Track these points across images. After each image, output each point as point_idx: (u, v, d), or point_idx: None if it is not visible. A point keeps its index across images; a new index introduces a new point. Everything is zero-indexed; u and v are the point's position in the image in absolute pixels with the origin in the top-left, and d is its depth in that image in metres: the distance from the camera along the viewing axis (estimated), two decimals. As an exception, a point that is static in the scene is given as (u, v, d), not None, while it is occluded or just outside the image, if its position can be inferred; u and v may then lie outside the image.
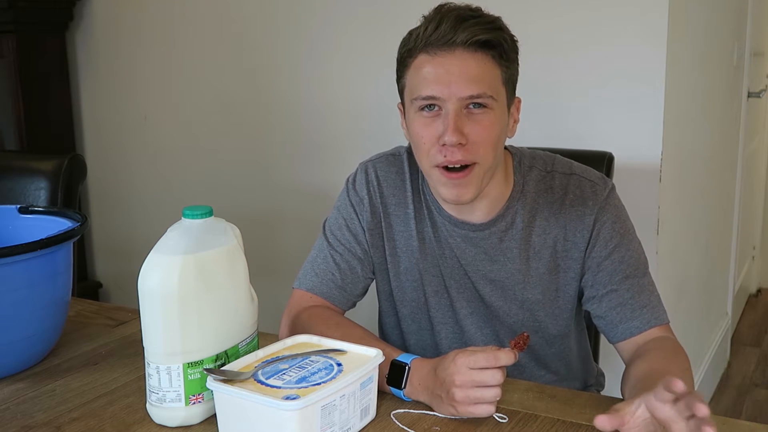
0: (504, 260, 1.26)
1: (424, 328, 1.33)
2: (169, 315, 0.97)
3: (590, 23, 1.98)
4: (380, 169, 1.32)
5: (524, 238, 1.25)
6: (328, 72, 2.39)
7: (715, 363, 2.95)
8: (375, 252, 1.32)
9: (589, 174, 1.26)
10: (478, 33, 1.12)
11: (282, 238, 2.51)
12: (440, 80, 1.13)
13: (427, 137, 1.16)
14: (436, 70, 1.14)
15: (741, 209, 3.24)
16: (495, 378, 0.98)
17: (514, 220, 1.25)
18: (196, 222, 1.00)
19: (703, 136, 2.56)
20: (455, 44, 1.13)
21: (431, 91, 1.14)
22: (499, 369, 0.98)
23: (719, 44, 2.65)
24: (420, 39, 1.15)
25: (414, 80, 1.17)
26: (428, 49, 1.15)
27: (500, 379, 0.98)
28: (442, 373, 1.01)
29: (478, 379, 0.98)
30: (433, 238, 1.29)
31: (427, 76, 1.15)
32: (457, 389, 0.99)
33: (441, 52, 1.14)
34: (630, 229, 1.27)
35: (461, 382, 0.99)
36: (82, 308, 1.45)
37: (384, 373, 1.07)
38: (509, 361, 0.98)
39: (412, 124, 1.19)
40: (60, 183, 1.77)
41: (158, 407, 1.00)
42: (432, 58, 1.14)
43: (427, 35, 1.14)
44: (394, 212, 1.31)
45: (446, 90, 1.13)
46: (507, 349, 0.99)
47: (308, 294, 1.29)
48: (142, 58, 2.75)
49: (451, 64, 1.13)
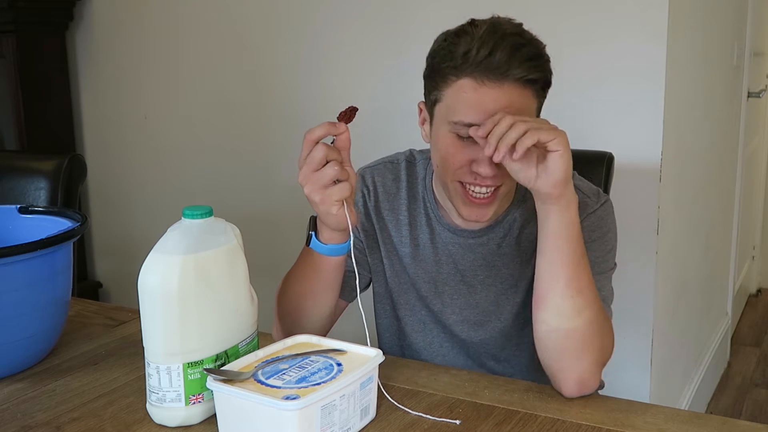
0: (500, 265, 1.28)
1: (417, 330, 1.35)
2: (169, 315, 0.97)
3: (590, 23, 1.98)
4: (377, 175, 1.34)
5: (517, 243, 1.27)
6: (329, 72, 2.39)
7: (715, 363, 2.96)
8: (371, 254, 1.34)
9: (585, 187, 1.25)
10: (531, 71, 1.11)
11: (282, 238, 2.51)
12: (485, 111, 1.10)
13: (458, 158, 1.16)
14: (483, 99, 1.11)
15: (741, 209, 3.24)
16: (320, 166, 1.05)
17: (511, 226, 1.27)
18: (196, 222, 1.00)
19: (703, 136, 2.56)
20: (507, 78, 1.10)
21: (474, 119, 1.11)
22: (331, 159, 1.04)
23: (719, 44, 2.65)
24: (470, 61, 1.10)
25: (454, 102, 1.14)
26: (476, 75, 1.10)
27: (321, 160, 1.04)
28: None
29: (315, 177, 1.05)
30: (429, 244, 1.30)
31: (472, 103, 1.11)
32: (309, 192, 1.06)
33: (490, 83, 1.10)
34: (608, 247, 1.23)
35: (309, 190, 1.06)
36: (82, 308, 1.45)
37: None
38: (323, 131, 1.05)
39: (443, 140, 1.17)
40: (60, 183, 1.76)
41: (158, 407, 1.00)
42: (479, 87, 1.11)
43: (478, 60, 1.10)
44: (387, 217, 1.32)
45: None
46: (326, 122, 1.05)
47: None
48: (142, 58, 2.75)
49: (499, 98, 1.10)
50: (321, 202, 1.07)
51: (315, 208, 1.09)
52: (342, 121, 1.07)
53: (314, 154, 1.05)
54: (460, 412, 1.03)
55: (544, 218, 1.08)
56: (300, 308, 1.24)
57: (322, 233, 1.15)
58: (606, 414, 1.03)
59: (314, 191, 1.06)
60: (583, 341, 1.08)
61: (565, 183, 1.05)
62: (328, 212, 1.08)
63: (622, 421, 1.01)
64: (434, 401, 1.06)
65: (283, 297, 1.26)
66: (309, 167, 1.05)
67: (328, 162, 1.05)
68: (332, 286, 1.21)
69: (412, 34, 2.21)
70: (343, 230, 1.12)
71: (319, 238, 1.15)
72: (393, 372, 1.14)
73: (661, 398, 2.19)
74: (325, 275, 1.19)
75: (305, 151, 1.06)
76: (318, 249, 1.16)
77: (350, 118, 1.07)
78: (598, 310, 1.10)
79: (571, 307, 1.07)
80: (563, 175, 1.04)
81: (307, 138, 1.06)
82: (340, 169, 1.05)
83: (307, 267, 1.19)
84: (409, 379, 1.13)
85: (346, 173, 1.07)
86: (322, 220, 1.12)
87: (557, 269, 1.08)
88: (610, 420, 1.01)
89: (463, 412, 1.03)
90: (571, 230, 1.08)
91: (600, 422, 1.00)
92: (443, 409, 1.04)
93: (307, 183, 1.06)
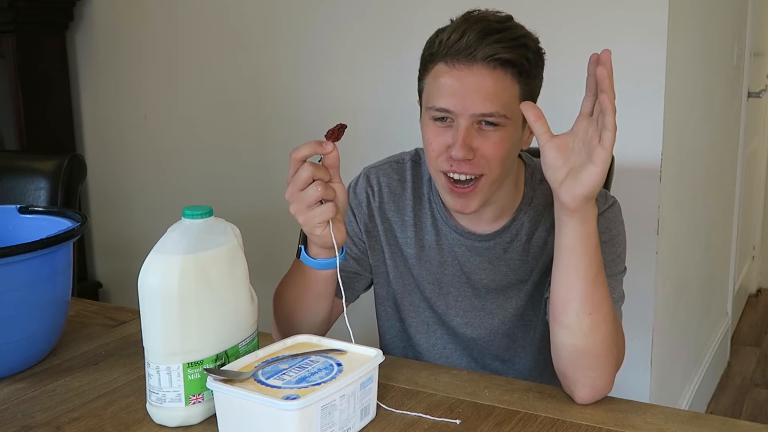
0: (506, 270, 1.27)
1: (421, 332, 1.34)
2: (169, 315, 0.97)
3: (590, 23, 1.98)
4: (382, 175, 1.33)
5: (525, 248, 1.26)
6: (329, 72, 2.39)
7: (715, 363, 2.96)
8: (373, 255, 1.33)
9: None
10: (499, 51, 1.11)
11: (282, 238, 2.51)
12: (455, 94, 1.12)
13: (435, 145, 1.16)
14: (453, 83, 1.13)
15: (741, 209, 3.24)
16: (307, 188, 1.04)
17: (519, 231, 1.27)
18: (196, 222, 1.00)
19: (703, 136, 2.56)
20: (475, 59, 1.11)
21: (445, 103, 1.13)
22: (317, 179, 1.04)
23: (719, 44, 2.65)
24: (442, 46, 1.13)
25: (430, 88, 1.16)
26: (448, 59, 1.13)
27: (308, 180, 1.04)
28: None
29: (300, 197, 1.05)
30: (434, 245, 1.29)
31: (443, 87, 1.14)
32: (294, 212, 1.06)
33: (460, 65, 1.12)
34: (618, 249, 1.22)
35: (294, 209, 1.06)
36: (82, 308, 1.45)
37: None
38: (309, 151, 1.04)
39: (425, 129, 1.19)
40: (60, 183, 1.76)
41: (158, 407, 1.00)
42: (450, 70, 1.13)
43: (449, 44, 1.12)
44: (393, 218, 1.32)
45: (460, 105, 1.12)
46: (313, 141, 1.05)
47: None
48: (142, 58, 2.75)
49: (468, 80, 1.12)
50: (305, 223, 1.07)
51: (301, 226, 1.09)
52: (330, 140, 1.06)
53: (300, 173, 1.04)
54: (460, 412, 1.03)
55: (560, 228, 1.04)
56: (294, 313, 1.24)
57: (311, 248, 1.15)
58: (606, 414, 1.03)
59: (299, 211, 1.06)
60: (599, 356, 1.06)
61: (586, 199, 1.00)
62: (312, 233, 1.08)
63: (622, 421, 1.01)
64: (434, 401, 1.06)
65: (278, 301, 1.27)
66: (294, 186, 1.05)
67: (314, 181, 1.04)
68: (323, 295, 1.21)
69: (412, 35, 2.19)
70: (331, 248, 1.11)
71: (308, 252, 1.15)
72: (393, 372, 1.14)
73: (661, 398, 2.19)
74: (315, 286, 1.19)
75: (291, 170, 1.05)
76: (307, 262, 1.16)
77: (338, 136, 1.06)
78: (613, 322, 1.07)
79: (587, 325, 1.04)
80: (588, 191, 0.98)
81: (293, 157, 1.05)
82: (324, 189, 1.04)
83: (299, 277, 1.19)
84: (409, 379, 1.13)
85: (333, 192, 1.06)
86: (309, 237, 1.12)
87: (571, 285, 1.04)
88: (610, 420, 1.01)
89: (463, 412, 1.03)
90: (586, 245, 1.03)
91: (600, 422, 1.00)
92: (443, 409, 1.04)
93: (292, 202, 1.06)
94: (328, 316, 1.26)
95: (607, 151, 0.96)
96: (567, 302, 1.05)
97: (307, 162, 1.05)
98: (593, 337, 1.05)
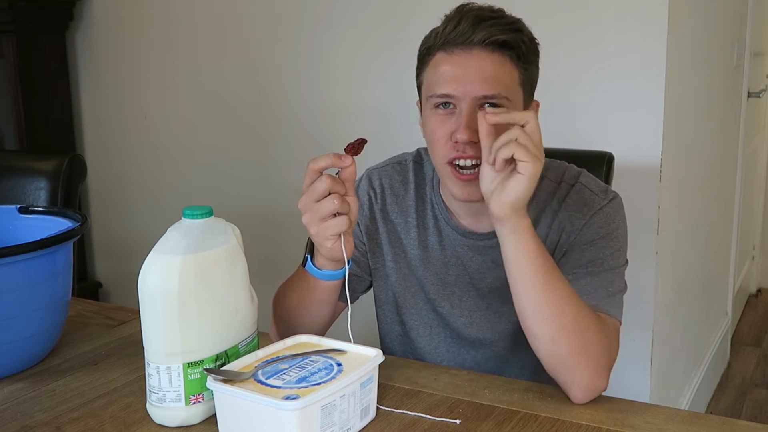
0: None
1: (423, 335, 1.34)
2: (169, 315, 0.97)
3: (590, 23, 1.98)
4: (384, 176, 1.33)
5: None
6: (329, 72, 2.39)
7: (715, 363, 2.96)
8: (373, 257, 1.33)
9: (593, 185, 1.25)
10: (496, 33, 1.12)
11: (282, 238, 2.51)
12: (456, 79, 1.13)
13: (440, 134, 1.17)
14: (453, 68, 1.14)
15: (741, 209, 3.24)
16: (322, 201, 1.03)
17: None
18: (196, 222, 1.00)
19: (703, 136, 2.56)
20: (473, 43, 1.13)
21: (446, 89, 1.14)
22: (333, 192, 1.03)
23: (719, 44, 2.65)
24: (439, 37, 1.16)
25: (431, 78, 1.17)
26: (446, 48, 1.15)
27: (326, 192, 1.03)
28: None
29: (314, 207, 1.04)
30: (438, 247, 1.29)
31: (444, 74, 1.15)
32: (307, 222, 1.06)
33: (458, 51, 1.14)
34: (618, 243, 1.21)
35: (307, 220, 1.06)
36: (82, 308, 1.45)
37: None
38: (328, 163, 1.03)
39: (428, 120, 1.19)
40: (60, 183, 1.76)
41: (158, 407, 1.00)
42: (449, 57, 1.15)
43: (446, 33, 1.15)
44: (396, 220, 1.32)
45: (461, 89, 1.13)
46: (331, 154, 1.04)
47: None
48: (142, 58, 2.75)
49: (468, 64, 1.13)
50: (316, 234, 1.07)
51: (311, 237, 1.09)
52: (349, 153, 1.04)
53: (317, 185, 1.04)
54: (460, 412, 1.03)
55: (500, 240, 1.08)
56: (294, 317, 1.24)
57: (317, 259, 1.14)
58: (606, 414, 1.03)
59: (311, 222, 1.06)
60: (575, 358, 1.06)
61: (513, 208, 1.03)
62: (322, 245, 1.08)
63: (622, 421, 1.01)
64: (434, 401, 1.06)
65: (278, 304, 1.27)
66: (310, 197, 1.04)
67: (330, 194, 1.04)
68: (327, 302, 1.21)
69: (412, 35, 2.19)
70: (338, 260, 1.11)
71: (314, 263, 1.15)
72: (393, 372, 1.14)
73: (661, 398, 2.19)
74: (319, 294, 1.19)
75: (308, 180, 1.05)
76: (312, 272, 1.16)
77: (358, 150, 1.05)
78: (582, 324, 1.07)
79: (550, 332, 1.06)
80: (514, 199, 1.02)
81: (310, 167, 1.05)
82: (340, 203, 1.04)
83: (302, 284, 1.19)
84: (409, 379, 1.13)
85: (347, 206, 1.06)
86: (318, 248, 1.11)
87: (522, 295, 1.07)
88: (610, 420, 1.01)
89: (463, 412, 1.03)
90: (526, 254, 1.05)
91: (600, 422, 1.00)
92: (443, 409, 1.04)
93: (306, 212, 1.06)
94: (329, 320, 1.26)
95: (529, 162, 1.00)
96: (522, 311, 1.08)
97: (325, 174, 1.04)
98: (561, 341, 1.06)
